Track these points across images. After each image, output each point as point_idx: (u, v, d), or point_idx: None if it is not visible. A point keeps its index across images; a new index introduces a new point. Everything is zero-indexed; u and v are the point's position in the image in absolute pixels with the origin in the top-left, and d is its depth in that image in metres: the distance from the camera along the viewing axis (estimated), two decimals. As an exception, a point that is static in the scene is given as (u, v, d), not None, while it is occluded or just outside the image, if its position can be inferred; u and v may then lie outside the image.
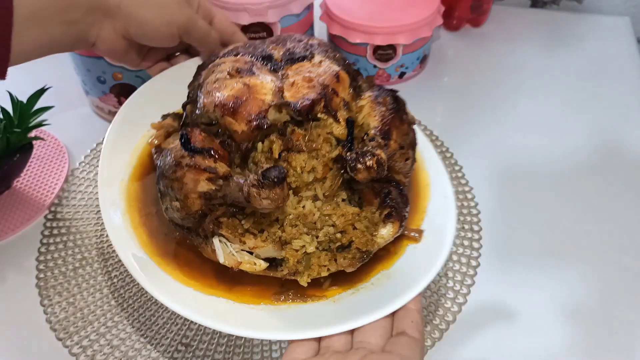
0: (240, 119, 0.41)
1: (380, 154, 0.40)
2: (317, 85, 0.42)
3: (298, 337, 0.39)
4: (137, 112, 0.52)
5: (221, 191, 0.39)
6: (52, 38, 0.47)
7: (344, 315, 0.40)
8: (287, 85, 0.43)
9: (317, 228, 0.42)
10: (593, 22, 0.91)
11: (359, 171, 0.39)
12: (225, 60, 0.46)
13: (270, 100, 0.42)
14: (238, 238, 0.41)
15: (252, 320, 0.41)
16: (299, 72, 0.44)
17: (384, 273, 0.44)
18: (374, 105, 0.44)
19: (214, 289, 0.43)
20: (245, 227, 0.42)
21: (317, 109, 0.41)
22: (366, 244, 0.41)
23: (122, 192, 0.49)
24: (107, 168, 0.49)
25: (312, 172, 0.42)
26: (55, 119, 0.63)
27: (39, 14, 0.44)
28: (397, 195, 0.43)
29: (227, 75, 0.43)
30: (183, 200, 0.40)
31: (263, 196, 0.36)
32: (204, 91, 0.44)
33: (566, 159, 0.68)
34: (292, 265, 0.42)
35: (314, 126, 0.42)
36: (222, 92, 0.42)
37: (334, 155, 0.42)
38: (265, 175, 0.36)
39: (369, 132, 0.42)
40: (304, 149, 0.41)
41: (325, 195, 0.42)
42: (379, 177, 0.40)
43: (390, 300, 0.40)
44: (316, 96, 0.41)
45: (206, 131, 0.43)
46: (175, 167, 0.40)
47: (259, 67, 0.45)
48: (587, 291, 0.55)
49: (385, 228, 0.42)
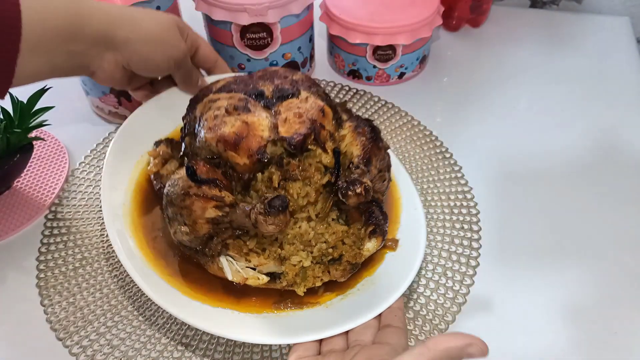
0: (242, 153, 0.46)
1: (367, 181, 0.46)
2: (307, 120, 0.48)
3: (299, 340, 0.44)
4: (130, 140, 0.56)
5: (228, 217, 0.45)
6: (54, 65, 0.48)
7: (336, 319, 0.45)
8: (280, 121, 0.48)
9: (311, 245, 0.48)
10: (592, 22, 0.91)
11: (350, 197, 0.45)
12: (219, 97, 0.51)
13: (268, 136, 0.47)
14: (244, 257, 0.47)
15: (257, 327, 0.45)
16: (289, 108, 0.49)
17: (368, 279, 0.50)
18: (355, 134, 0.50)
19: (221, 301, 0.48)
20: (249, 247, 0.47)
21: (308, 141, 0.47)
22: (355, 256, 0.48)
23: (126, 216, 0.52)
24: (109, 194, 0.52)
25: (306, 197, 0.47)
26: (55, 119, 0.63)
27: (45, 42, 0.46)
28: (379, 213, 0.49)
29: (225, 113, 0.48)
30: (192, 225, 0.45)
31: (269, 222, 0.42)
32: (204, 126, 0.48)
33: (566, 159, 0.68)
34: (290, 278, 0.47)
35: (305, 157, 0.48)
36: (224, 129, 0.46)
37: (324, 181, 0.48)
38: (270, 204, 0.42)
39: (354, 160, 0.48)
40: (299, 178, 0.47)
41: (318, 216, 0.48)
42: (366, 201, 0.46)
43: (377, 303, 0.45)
44: (307, 131, 0.47)
45: (209, 163, 0.48)
46: (183, 196, 0.45)
47: (253, 104, 0.49)
48: (587, 291, 0.55)
49: (371, 242, 0.48)
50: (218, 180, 0.46)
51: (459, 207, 0.62)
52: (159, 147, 0.55)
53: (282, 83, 0.52)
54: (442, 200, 0.63)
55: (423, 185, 0.64)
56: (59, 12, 0.46)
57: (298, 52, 0.74)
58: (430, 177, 0.65)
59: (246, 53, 0.72)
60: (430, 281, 0.55)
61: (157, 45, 0.53)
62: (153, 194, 0.55)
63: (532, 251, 0.58)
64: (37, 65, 0.46)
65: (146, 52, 0.53)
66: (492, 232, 0.60)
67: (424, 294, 0.54)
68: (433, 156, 0.68)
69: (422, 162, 0.67)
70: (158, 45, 0.53)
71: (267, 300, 0.49)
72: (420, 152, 0.68)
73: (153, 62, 0.54)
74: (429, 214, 0.61)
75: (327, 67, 0.82)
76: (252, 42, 0.70)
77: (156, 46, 0.53)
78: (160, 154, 0.54)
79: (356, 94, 0.77)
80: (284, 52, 0.73)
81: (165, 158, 0.54)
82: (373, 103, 0.75)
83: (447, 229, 0.60)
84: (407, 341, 0.44)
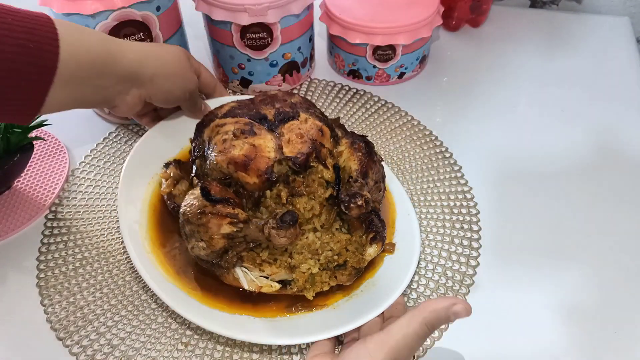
0: (251, 173, 0.50)
1: (366, 194, 0.50)
2: (308, 140, 0.52)
3: (310, 340, 0.48)
4: (141, 163, 0.60)
5: (242, 232, 0.49)
6: (80, 98, 0.50)
7: (344, 318, 0.49)
8: (284, 142, 0.52)
9: (318, 253, 0.52)
10: (592, 22, 0.91)
11: (352, 209, 0.49)
12: (226, 122, 0.55)
13: (274, 156, 0.51)
14: (257, 267, 0.51)
15: (272, 330, 0.49)
16: (291, 129, 0.54)
17: (369, 281, 0.53)
18: (351, 150, 0.55)
19: (238, 309, 0.51)
20: (262, 258, 0.51)
21: (310, 160, 0.52)
22: (358, 262, 0.52)
23: (142, 233, 0.55)
24: (125, 213, 0.55)
25: (312, 210, 0.51)
26: (55, 119, 0.63)
27: (77, 77, 0.47)
28: (378, 221, 0.54)
29: (233, 137, 0.52)
30: (208, 241, 0.49)
31: (281, 235, 0.47)
32: (214, 149, 0.53)
33: (565, 159, 0.68)
34: (301, 284, 0.51)
35: (309, 173, 0.52)
36: (233, 152, 0.51)
37: (327, 195, 0.52)
38: (282, 219, 0.47)
39: (352, 174, 0.53)
40: (304, 193, 0.51)
41: (323, 227, 0.52)
42: (367, 212, 0.50)
43: (379, 302, 0.49)
44: (309, 150, 0.52)
45: (221, 183, 0.52)
46: (200, 215, 0.49)
47: (258, 128, 0.54)
48: (587, 291, 0.55)
49: (372, 248, 0.53)
50: (231, 199, 0.50)
51: (459, 207, 0.62)
52: (169, 169, 0.58)
53: (282, 107, 0.57)
54: (442, 200, 0.63)
55: (423, 185, 0.64)
56: (93, 49, 0.48)
57: (298, 52, 0.74)
58: (430, 177, 0.65)
59: (246, 53, 0.72)
60: (430, 281, 0.55)
61: (177, 80, 0.57)
62: (167, 213, 0.58)
63: (532, 251, 0.58)
64: (65, 97, 0.48)
65: (168, 87, 0.56)
66: (492, 232, 0.60)
67: (424, 294, 0.54)
68: (433, 156, 0.68)
69: (422, 162, 0.67)
70: (178, 79, 0.57)
71: (279, 304, 0.52)
72: (420, 152, 0.68)
73: (173, 95, 0.58)
74: (429, 214, 0.61)
75: (327, 67, 0.83)
76: (252, 42, 0.70)
77: (176, 80, 0.57)
78: (172, 175, 0.58)
79: (356, 94, 0.77)
80: (284, 52, 0.73)
81: (176, 179, 0.58)
82: (373, 103, 0.75)
83: (447, 229, 0.60)
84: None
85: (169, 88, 0.56)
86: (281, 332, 0.49)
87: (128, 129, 0.72)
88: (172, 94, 0.58)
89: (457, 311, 0.41)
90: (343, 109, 0.75)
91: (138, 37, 0.64)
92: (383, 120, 0.73)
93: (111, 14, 0.61)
